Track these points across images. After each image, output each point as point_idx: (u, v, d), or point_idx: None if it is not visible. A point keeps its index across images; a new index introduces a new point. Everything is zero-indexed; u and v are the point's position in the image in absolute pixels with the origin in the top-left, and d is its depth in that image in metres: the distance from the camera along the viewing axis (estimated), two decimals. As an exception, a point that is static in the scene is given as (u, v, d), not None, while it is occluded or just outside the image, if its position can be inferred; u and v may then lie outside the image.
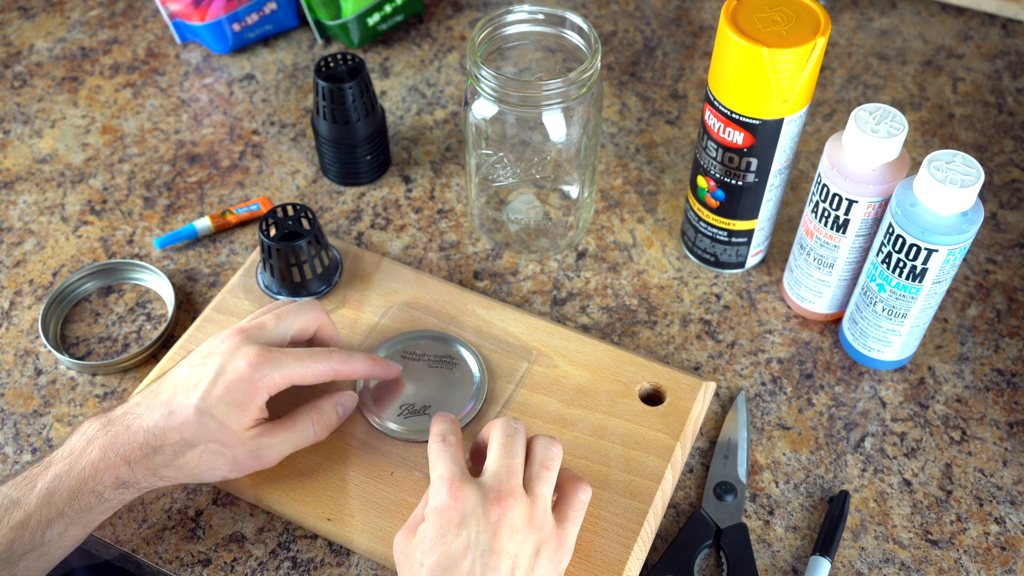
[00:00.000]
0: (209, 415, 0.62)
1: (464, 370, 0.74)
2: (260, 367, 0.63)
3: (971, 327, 0.80)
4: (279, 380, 0.64)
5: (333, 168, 0.88)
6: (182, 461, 0.63)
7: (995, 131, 0.94)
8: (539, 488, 0.60)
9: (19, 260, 0.84)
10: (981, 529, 0.70)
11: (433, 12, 1.04)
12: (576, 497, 0.62)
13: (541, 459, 0.61)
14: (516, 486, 0.59)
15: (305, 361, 0.65)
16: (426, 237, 0.86)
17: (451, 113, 0.95)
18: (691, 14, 1.04)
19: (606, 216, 0.87)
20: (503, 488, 0.58)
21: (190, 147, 0.92)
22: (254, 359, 0.63)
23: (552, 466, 0.61)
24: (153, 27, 1.03)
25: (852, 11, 1.04)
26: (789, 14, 0.68)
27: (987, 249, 0.85)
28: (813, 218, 0.74)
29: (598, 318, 0.81)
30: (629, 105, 0.96)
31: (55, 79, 0.98)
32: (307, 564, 0.68)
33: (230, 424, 0.63)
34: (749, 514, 0.70)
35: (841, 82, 0.98)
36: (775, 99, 0.69)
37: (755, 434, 0.74)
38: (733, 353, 0.79)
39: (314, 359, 0.66)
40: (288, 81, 0.98)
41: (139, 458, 0.62)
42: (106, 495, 0.62)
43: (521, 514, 0.58)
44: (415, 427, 0.71)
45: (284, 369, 0.64)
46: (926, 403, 0.76)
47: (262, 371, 0.63)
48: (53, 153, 0.92)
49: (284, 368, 0.64)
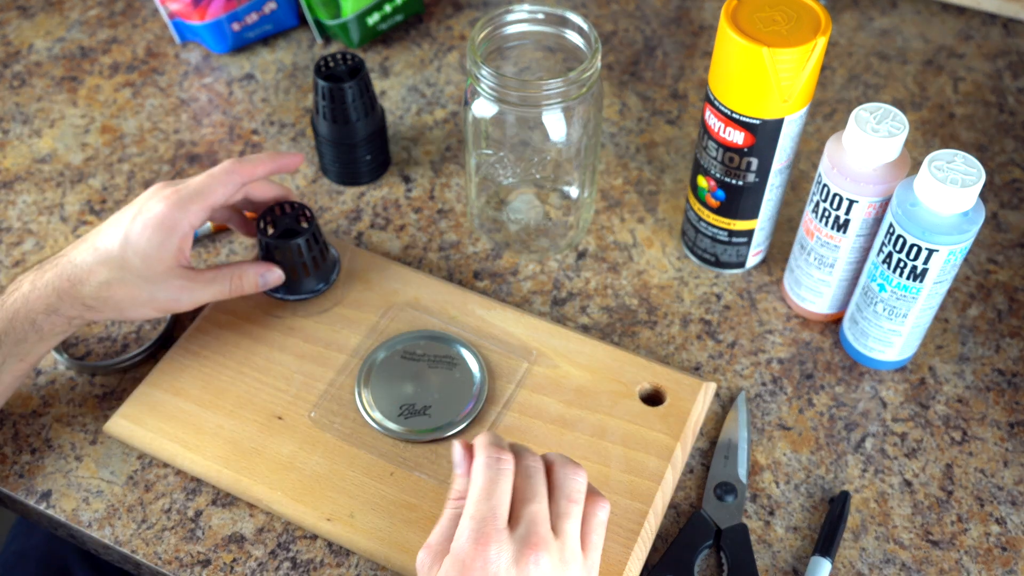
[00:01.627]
0: (131, 249, 0.68)
1: (464, 370, 0.74)
2: (176, 203, 0.69)
3: (972, 327, 0.80)
4: (195, 211, 0.69)
5: (333, 168, 0.88)
6: (107, 294, 0.68)
7: (996, 131, 0.94)
8: (568, 526, 0.57)
9: (18, 260, 0.84)
10: (982, 529, 0.70)
11: (433, 12, 1.04)
12: (596, 520, 0.59)
13: (568, 493, 0.58)
14: (546, 534, 0.56)
15: (213, 183, 0.70)
16: (426, 237, 0.86)
17: (451, 113, 0.95)
18: (691, 14, 1.04)
19: (606, 216, 0.87)
20: (533, 541, 0.55)
21: (190, 147, 0.92)
22: (171, 197, 0.69)
23: (579, 499, 0.58)
24: (152, 27, 1.03)
25: (853, 11, 1.04)
26: (789, 14, 0.68)
27: (988, 249, 0.85)
28: (814, 218, 0.74)
29: (598, 318, 0.80)
30: (629, 105, 0.96)
31: (54, 79, 0.98)
32: (307, 564, 0.68)
33: (151, 259, 0.68)
34: (749, 514, 0.70)
35: (842, 82, 0.98)
36: (775, 99, 0.69)
37: (755, 434, 0.74)
38: (733, 353, 0.78)
39: (217, 177, 0.71)
40: (288, 81, 0.98)
41: (67, 288, 0.67)
42: (39, 322, 0.67)
43: (550, 561, 0.55)
44: (415, 427, 0.71)
45: (198, 200, 0.69)
46: (927, 403, 0.76)
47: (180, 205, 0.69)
48: (52, 153, 0.92)
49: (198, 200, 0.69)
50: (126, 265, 0.68)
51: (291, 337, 0.76)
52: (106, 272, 0.67)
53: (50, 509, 0.70)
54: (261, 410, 0.72)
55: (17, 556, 0.87)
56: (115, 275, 0.67)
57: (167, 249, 0.68)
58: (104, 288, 0.68)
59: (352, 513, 0.68)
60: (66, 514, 0.70)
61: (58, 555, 0.86)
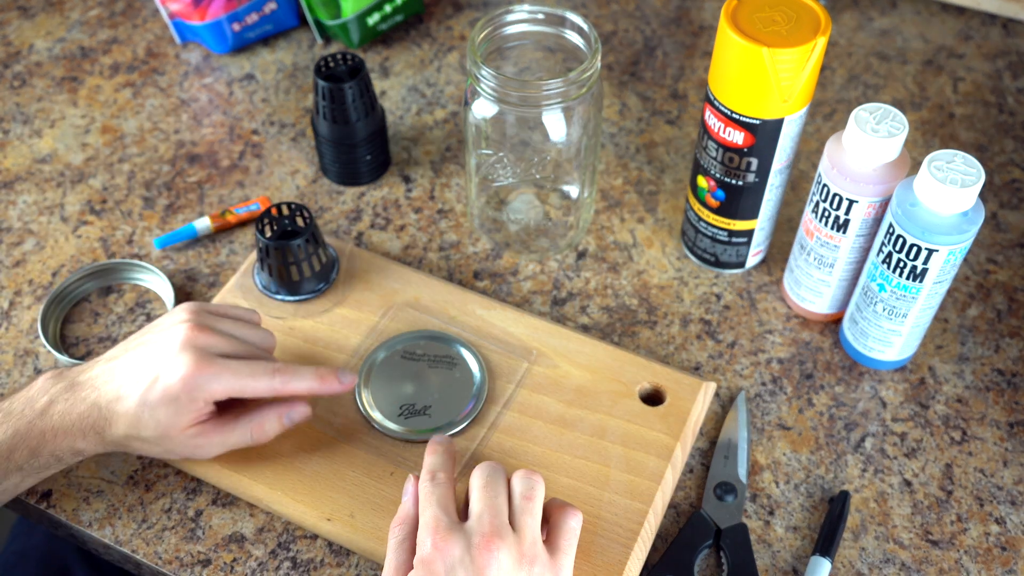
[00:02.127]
0: (148, 414, 0.64)
1: (464, 370, 0.74)
2: (196, 378, 0.63)
3: (971, 327, 0.80)
4: (218, 391, 0.64)
5: (333, 168, 0.88)
6: (125, 444, 0.65)
7: (996, 131, 0.94)
8: (524, 520, 0.59)
9: (19, 260, 0.84)
10: (982, 529, 0.70)
11: (433, 12, 1.04)
12: (566, 525, 0.60)
13: (522, 491, 0.60)
14: (502, 524, 0.58)
15: (244, 377, 0.65)
16: (426, 237, 0.86)
17: (451, 113, 0.95)
18: (691, 14, 1.04)
19: (606, 216, 0.87)
20: (487, 530, 0.57)
21: (190, 147, 0.92)
22: (191, 370, 0.63)
23: (534, 496, 0.60)
24: (153, 27, 1.03)
25: (852, 11, 1.04)
26: (789, 14, 0.68)
27: (988, 249, 0.85)
28: (813, 218, 0.74)
29: (598, 318, 0.80)
30: (629, 105, 0.96)
31: (55, 79, 0.98)
32: (307, 564, 0.68)
33: (165, 425, 0.64)
34: (749, 514, 0.70)
35: (841, 82, 0.98)
36: (775, 99, 0.69)
37: (755, 434, 0.74)
38: (733, 353, 0.79)
39: (254, 376, 0.65)
40: (288, 81, 0.98)
41: (91, 433, 0.64)
42: (64, 458, 0.65)
43: (509, 554, 0.57)
44: (415, 427, 0.71)
45: (222, 383, 0.64)
46: (926, 403, 0.76)
47: (198, 382, 0.63)
48: (53, 153, 0.92)
49: (222, 382, 0.64)
50: (142, 426, 0.64)
51: (291, 337, 0.76)
52: (124, 427, 0.64)
53: (50, 509, 0.70)
54: (261, 410, 0.73)
55: (17, 556, 0.87)
56: (132, 432, 0.64)
57: (183, 419, 0.64)
58: (124, 440, 0.65)
59: (352, 513, 0.68)
60: (66, 514, 0.70)
61: (58, 555, 0.86)
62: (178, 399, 0.63)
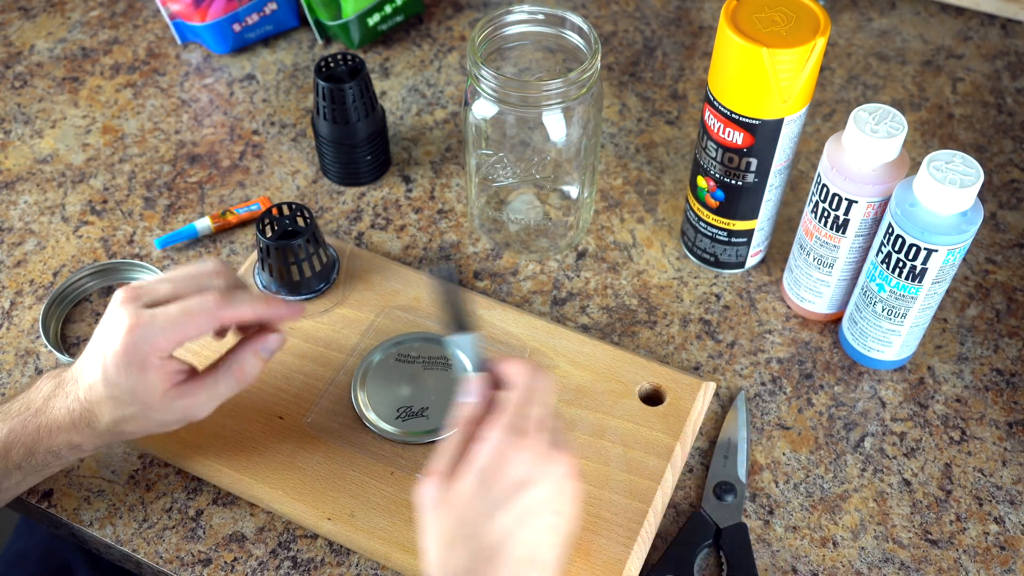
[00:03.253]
0: (114, 390, 0.62)
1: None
2: (133, 334, 0.61)
3: (971, 327, 0.80)
4: (160, 341, 0.61)
5: (333, 168, 0.88)
6: (120, 428, 0.64)
7: (994, 131, 0.94)
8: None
9: (20, 260, 0.84)
10: (981, 529, 0.70)
11: (433, 12, 1.04)
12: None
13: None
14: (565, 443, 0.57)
15: (180, 317, 0.61)
16: (426, 237, 0.86)
17: (451, 113, 0.95)
18: (691, 14, 1.04)
19: (606, 216, 0.87)
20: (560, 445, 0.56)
21: (190, 147, 0.92)
22: (126, 329, 0.61)
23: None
24: (153, 27, 1.03)
25: (852, 11, 1.04)
26: (789, 14, 0.68)
27: (987, 249, 0.85)
28: (813, 218, 0.74)
29: (598, 318, 0.81)
30: (629, 105, 0.96)
31: (56, 79, 0.98)
32: (307, 564, 0.68)
33: (139, 394, 0.62)
34: (749, 514, 0.70)
35: (841, 82, 0.98)
36: (775, 99, 0.69)
37: (755, 434, 0.74)
38: (733, 353, 0.79)
39: (190, 313, 0.62)
40: (288, 81, 0.98)
41: (83, 426, 0.64)
42: (62, 454, 0.65)
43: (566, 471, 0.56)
44: (412, 429, 0.71)
45: (159, 330, 0.61)
46: (926, 403, 0.76)
47: (135, 338, 0.61)
48: (54, 153, 0.92)
49: (158, 329, 0.61)
50: (119, 403, 0.62)
51: (291, 337, 0.76)
52: (109, 411, 0.62)
53: (51, 508, 0.70)
54: (262, 410, 0.73)
55: (18, 555, 0.87)
56: (117, 413, 0.62)
57: (149, 381, 0.62)
58: (114, 424, 0.63)
59: (353, 512, 0.68)
60: (67, 513, 0.70)
61: (59, 554, 0.86)
62: (130, 363, 0.61)
